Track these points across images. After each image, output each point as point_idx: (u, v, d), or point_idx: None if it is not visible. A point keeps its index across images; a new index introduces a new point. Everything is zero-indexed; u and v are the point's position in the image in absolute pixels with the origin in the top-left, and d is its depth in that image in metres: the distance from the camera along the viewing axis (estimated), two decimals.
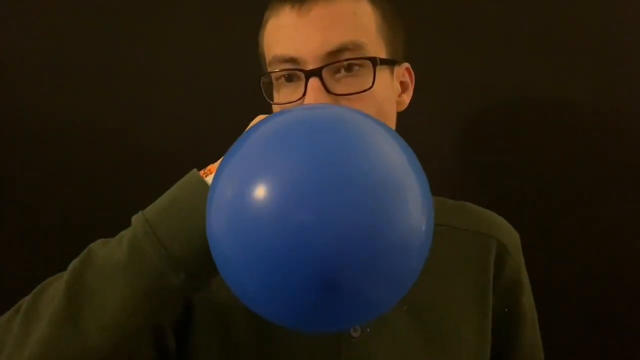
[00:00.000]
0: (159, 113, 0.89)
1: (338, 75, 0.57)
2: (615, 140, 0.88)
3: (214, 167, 0.50)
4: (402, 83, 0.65)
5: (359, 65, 0.57)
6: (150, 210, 0.49)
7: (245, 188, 0.40)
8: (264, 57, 0.62)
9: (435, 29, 0.87)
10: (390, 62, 0.61)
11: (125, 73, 0.88)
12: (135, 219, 0.49)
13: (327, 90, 0.56)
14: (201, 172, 0.50)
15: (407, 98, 0.66)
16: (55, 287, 0.48)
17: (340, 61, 0.56)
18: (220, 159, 0.51)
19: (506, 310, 0.66)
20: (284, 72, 0.58)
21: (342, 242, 0.38)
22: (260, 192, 0.39)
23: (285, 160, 0.40)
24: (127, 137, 0.89)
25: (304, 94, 0.56)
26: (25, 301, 0.49)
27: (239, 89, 0.82)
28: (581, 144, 0.88)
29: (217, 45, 0.88)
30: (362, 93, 0.57)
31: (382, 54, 0.60)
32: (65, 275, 0.48)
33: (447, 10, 0.88)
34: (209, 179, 0.48)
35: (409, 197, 0.41)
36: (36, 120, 0.87)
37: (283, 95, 0.59)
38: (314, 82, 0.56)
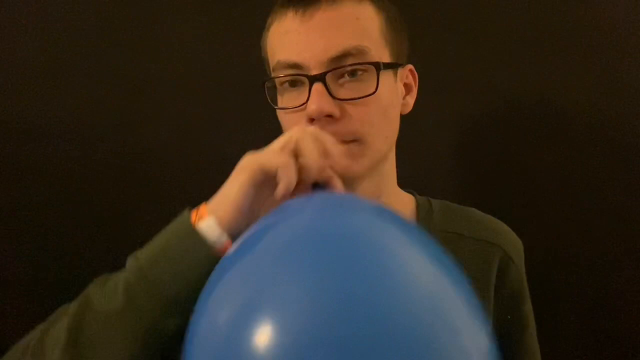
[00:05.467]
0: (159, 115, 0.89)
1: (342, 80, 0.57)
2: (616, 141, 0.87)
3: (204, 209, 0.50)
4: (405, 85, 0.65)
5: (363, 70, 0.57)
6: (143, 256, 0.49)
7: (243, 327, 0.31)
8: (268, 62, 0.63)
9: (435, 30, 0.87)
10: (394, 66, 0.61)
11: (122, 74, 0.88)
12: (129, 264, 0.50)
13: (331, 95, 0.56)
14: (193, 213, 0.50)
15: (411, 100, 0.66)
16: (58, 329, 0.48)
17: (344, 66, 0.56)
18: (212, 199, 0.51)
19: (508, 317, 0.67)
20: (287, 78, 0.58)
21: None
22: (264, 337, 0.30)
23: (297, 297, 0.31)
24: (125, 139, 0.89)
25: (308, 99, 0.56)
26: (31, 343, 0.49)
27: (241, 92, 0.82)
28: (583, 145, 0.88)
29: (216, 46, 0.87)
30: (366, 98, 0.57)
31: (385, 57, 0.60)
32: (65, 321, 0.48)
33: (448, 11, 0.87)
34: (201, 224, 0.49)
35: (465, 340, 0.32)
36: (33, 121, 0.88)
37: (287, 100, 0.60)
38: (317, 86, 0.56)
